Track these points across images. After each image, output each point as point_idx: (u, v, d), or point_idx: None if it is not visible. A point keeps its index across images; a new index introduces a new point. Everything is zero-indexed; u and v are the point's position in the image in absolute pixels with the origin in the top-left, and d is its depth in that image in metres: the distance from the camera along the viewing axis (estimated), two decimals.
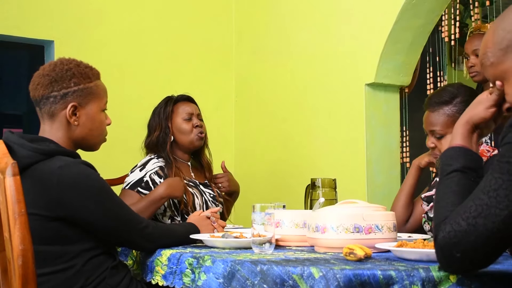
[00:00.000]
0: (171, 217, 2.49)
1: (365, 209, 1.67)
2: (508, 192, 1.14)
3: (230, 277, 1.45)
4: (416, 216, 2.26)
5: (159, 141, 2.58)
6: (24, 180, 1.42)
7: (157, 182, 2.47)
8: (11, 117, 4.76)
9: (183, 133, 2.60)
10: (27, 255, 1.31)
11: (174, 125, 2.61)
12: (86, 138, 1.80)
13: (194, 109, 2.66)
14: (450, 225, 1.21)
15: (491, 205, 1.15)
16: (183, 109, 2.63)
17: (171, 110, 2.62)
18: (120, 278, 1.75)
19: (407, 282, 1.26)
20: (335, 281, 1.23)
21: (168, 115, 2.61)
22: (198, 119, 2.65)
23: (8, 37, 3.44)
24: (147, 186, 2.45)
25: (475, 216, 1.17)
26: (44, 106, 1.74)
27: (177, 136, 2.60)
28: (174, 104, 2.64)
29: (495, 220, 1.14)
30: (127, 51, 3.72)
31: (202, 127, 2.64)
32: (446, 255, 1.22)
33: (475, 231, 1.17)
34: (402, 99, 3.31)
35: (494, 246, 1.18)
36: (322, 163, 3.31)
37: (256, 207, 1.69)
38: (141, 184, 2.45)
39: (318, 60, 3.38)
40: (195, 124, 2.61)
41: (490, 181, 1.17)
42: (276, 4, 3.76)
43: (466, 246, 1.18)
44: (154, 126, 2.62)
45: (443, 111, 1.99)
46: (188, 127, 2.60)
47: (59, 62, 1.77)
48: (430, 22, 2.98)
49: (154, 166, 2.52)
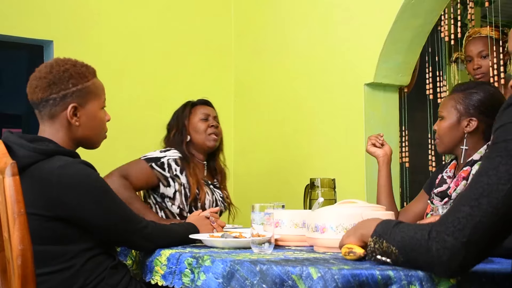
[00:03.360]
0: (180, 207, 2.58)
1: (364, 209, 1.67)
2: (509, 167, 1.12)
3: (230, 277, 1.45)
4: (418, 211, 2.26)
5: (176, 140, 2.70)
6: (24, 180, 1.42)
7: (173, 168, 2.59)
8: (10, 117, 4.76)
9: (198, 132, 2.70)
10: (26, 255, 1.31)
11: (190, 125, 2.72)
12: (88, 137, 1.81)
13: (211, 112, 2.79)
14: (449, 216, 1.17)
15: (492, 182, 1.13)
16: (201, 110, 2.76)
17: (189, 111, 2.76)
18: (120, 278, 1.75)
19: (405, 282, 1.26)
20: (333, 281, 1.23)
21: (186, 115, 2.74)
22: (215, 121, 2.76)
23: (7, 37, 3.44)
24: (162, 166, 2.58)
25: (477, 198, 1.14)
26: (43, 108, 1.74)
27: (192, 135, 2.71)
28: (192, 106, 2.78)
29: (498, 196, 1.12)
30: (126, 51, 3.72)
31: (218, 129, 2.75)
32: (448, 246, 1.15)
33: (479, 210, 1.13)
34: (401, 99, 3.31)
35: (501, 224, 1.14)
36: (321, 163, 3.31)
37: (255, 207, 1.69)
38: (157, 163, 2.58)
39: (317, 60, 3.38)
40: (211, 124, 2.72)
41: (487, 164, 1.16)
42: (275, 4, 3.76)
43: (472, 229, 1.13)
44: (172, 126, 2.76)
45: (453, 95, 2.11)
46: (203, 126, 2.71)
47: (55, 64, 1.76)
48: (429, 22, 2.99)
49: (174, 154, 2.64)
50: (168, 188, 2.60)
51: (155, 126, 3.55)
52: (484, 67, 2.89)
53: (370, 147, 2.37)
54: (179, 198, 2.59)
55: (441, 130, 2.10)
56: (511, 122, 1.14)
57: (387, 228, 1.32)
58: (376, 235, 1.34)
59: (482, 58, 2.90)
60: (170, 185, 2.60)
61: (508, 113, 1.16)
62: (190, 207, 2.60)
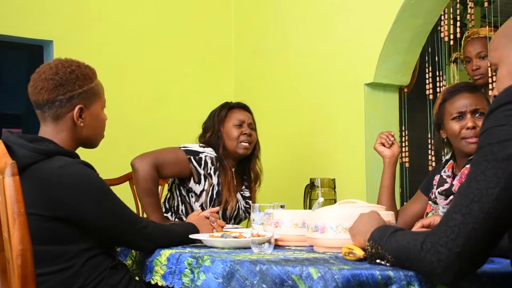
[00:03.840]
0: (202, 206, 2.56)
1: (364, 209, 1.67)
2: (496, 170, 1.12)
3: (229, 277, 1.45)
4: (415, 211, 2.25)
5: (211, 143, 2.66)
6: (24, 180, 1.42)
7: (208, 166, 2.57)
8: (10, 117, 4.76)
9: (230, 138, 2.65)
10: (26, 255, 1.31)
11: (224, 130, 2.67)
12: (90, 137, 1.81)
13: (247, 118, 2.73)
14: (442, 226, 1.17)
15: (481, 187, 1.13)
16: (236, 116, 2.70)
17: (225, 114, 2.70)
18: (119, 278, 1.75)
19: (405, 282, 1.27)
20: (333, 281, 1.23)
21: (222, 119, 2.69)
22: (249, 127, 2.70)
23: (7, 37, 3.44)
24: (200, 162, 2.56)
25: (468, 205, 1.14)
26: (49, 110, 1.73)
27: (225, 141, 2.66)
28: (229, 109, 2.72)
29: (489, 200, 1.11)
30: (126, 52, 3.72)
31: (251, 136, 2.69)
32: (442, 258, 1.14)
33: (471, 217, 1.12)
34: (401, 99, 3.31)
35: (493, 230, 1.13)
36: (321, 163, 3.31)
37: (255, 207, 1.69)
38: (196, 157, 2.56)
39: (317, 60, 3.38)
40: (244, 131, 2.66)
41: (474, 169, 1.16)
42: (275, 4, 3.76)
43: (466, 239, 1.13)
44: (208, 127, 2.71)
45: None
46: (236, 133, 2.65)
47: (60, 65, 1.75)
48: (429, 22, 2.99)
49: (211, 153, 2.62)
50: (198, 185, 2.57)
51: (155, 126, 3.57)
52: (482, 68, 2.88)
53: (379, 145, 2.33)
54: (204, 197, 2.56)
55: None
56: (494, 126, 1.15)
57: (383, 236, 1.33)
58: (372, 240, 1.35)
59: (480, 59, 2.90)
60: (201, 183, 2.57)
61: (491, 118, 1.16)
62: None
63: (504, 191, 1.11)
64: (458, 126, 2.07)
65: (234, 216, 2.67)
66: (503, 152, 1.12)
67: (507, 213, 1.13)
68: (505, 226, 1.15)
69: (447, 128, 2.11)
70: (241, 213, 2.69)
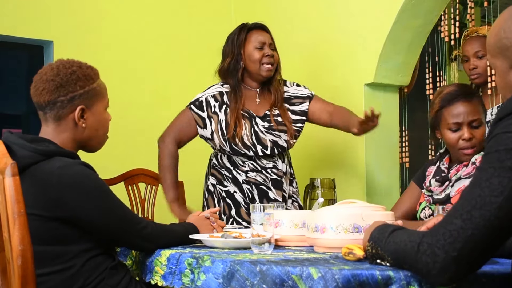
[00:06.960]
0: (221, 147, 2.60)
1: (364, 209, 1.67)
2: (501, 179, 1.11)
3: (230, 277, 1.45)
4: (412, 202, 2.27)
5: (230, 68, 2.66)
6: (24, 181, 1.42)
7: (211, 104, 2.62)
8: (10, 117, 4.76)
9: (253, 61, 2.64)
10: (26, 255, 1.31)
11: (245, 53, 2.66)
12: (92, 139, 1.81)
13: (267, 39, 2.70)
14: (441, 228, 1.16)
15: (485, 195, 1.12)
16: (256, 37, 2.67)
17: (244, 37, 2.67)
18: (119, 278, 1.75)
19: (405, 282, 1.27)
20: (334, 281, 1.23)
21: (241, 42, 2.66)
22: (270, 48, 2.68)
23: (7, 38, 3.44)
24: (201, 105, 2.62)
25: (469, 210, 1.13)
26: (50, 111, 1.73)
27: (247, 64, 2.66)
28: (247, 32, 2.68)
29: (491, 208, 1.11)
30: (126, 51, 3.72)
31: (274, 58, 2.68)
32: (438, 260, 1.14)
33: (471, 223, 1.12)
34: (401, 99, 3.31)
35: (493, 238, 1.13)
36: (321, 163, 3.31)
37: (255, 207, 1.70)
38: (196, 103, 2.63)
39: (317, 60, 3.38)
40: (266, 53, 2.65)
41: (480, 175, 1.15)
42: (275, 4, 3.76)
43: (464, 244, 1.12)
44: (227, 53, 2.69)
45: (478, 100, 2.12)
46: (258, 56, 2.64)
47: (62, 66, 1.75)
48: (429, 22, 2.99)
49: (214, 90, 2.66)
50: (205, 130, 2.61)
51: (156, 126, 3.55)
52: (480, 67, 2.85)
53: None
54: (217, 138, 2.59)
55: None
56: (502, 133, 1.15)
57: (382, 236, 1.33)
58: (372, 241, 1.35)
59: (478, 59, 2.87)
60: (207, 127, 2.61)
61: (500, 124, 1.16)
62: (230, 144, 2.58)
63: (507, 201, 1.11)
64: (455, 137, 2.10)
65: (254, 140, 2.59)
66: (510, 160, 1.12)
67: (508, 222, 1.13)
68: (504, 234, 1.15)
69: (444, 136, 2.15)
70: (262, 135, 2.60)
